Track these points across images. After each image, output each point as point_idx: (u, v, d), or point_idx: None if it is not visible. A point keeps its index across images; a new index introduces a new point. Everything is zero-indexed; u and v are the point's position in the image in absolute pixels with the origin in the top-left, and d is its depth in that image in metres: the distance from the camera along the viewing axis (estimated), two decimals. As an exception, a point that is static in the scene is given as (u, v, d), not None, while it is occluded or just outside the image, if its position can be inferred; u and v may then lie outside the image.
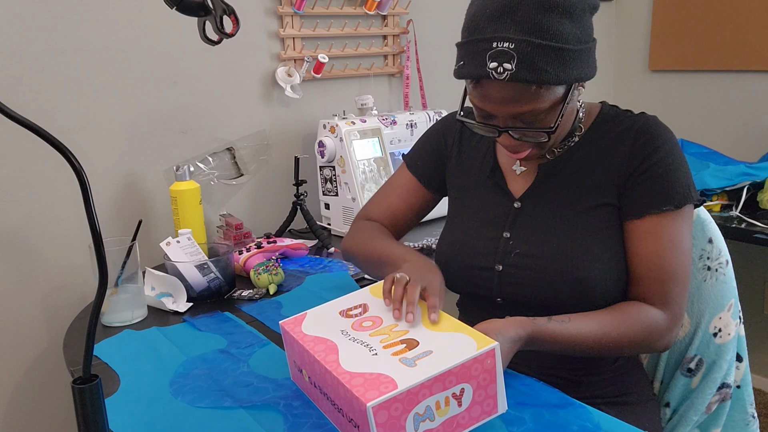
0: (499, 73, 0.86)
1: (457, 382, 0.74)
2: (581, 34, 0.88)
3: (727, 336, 1.07)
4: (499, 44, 0.86)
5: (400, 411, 0.70)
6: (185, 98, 1.62)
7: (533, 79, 0.85)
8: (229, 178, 1.74)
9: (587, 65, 0.90)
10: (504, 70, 0.85)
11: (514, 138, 0.93)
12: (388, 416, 0.69)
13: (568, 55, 0.86)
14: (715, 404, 1.08)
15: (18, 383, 1.47)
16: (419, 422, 0.72)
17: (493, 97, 0.90)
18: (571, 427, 0.80)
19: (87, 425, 0.60)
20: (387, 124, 1.76)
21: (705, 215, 1.08)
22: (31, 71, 1.39)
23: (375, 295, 0.93)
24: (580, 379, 1.02)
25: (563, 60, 0.86)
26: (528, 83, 0.86)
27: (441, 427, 0.74)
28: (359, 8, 1.88)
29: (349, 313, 0.89)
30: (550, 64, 0.85)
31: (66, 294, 1.49)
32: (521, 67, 0.85)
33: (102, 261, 0.58)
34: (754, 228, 1.72)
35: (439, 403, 0.73)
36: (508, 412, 0.82)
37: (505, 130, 0.93)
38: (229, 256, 1.34)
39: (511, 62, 0.85)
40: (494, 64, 0.86)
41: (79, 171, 0.56)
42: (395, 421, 0.70)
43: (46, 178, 1.43)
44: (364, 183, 1.67)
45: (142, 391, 0.94)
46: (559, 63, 0.86)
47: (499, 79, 0.86)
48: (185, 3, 1.09)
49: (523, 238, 1.01)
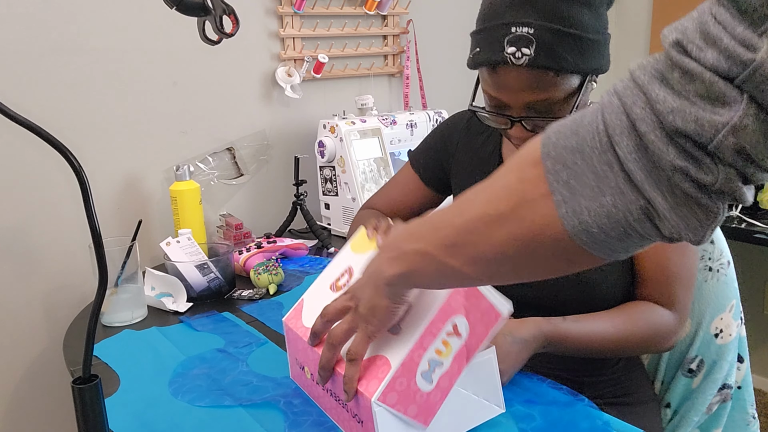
0: (517, 58, 0.85)
1: (445, 322, 0.73)
2: (598, 25, 0.87)
3: (728, 337, 1.07)
4: (518, 29, 0.84)
5: (406, 381, 0.70)
6: (185, 98, 1.62)
7: (552, 65, 0.84)
8: (229, 178, 1.74)
9: (603, 57, 0.90)
10: (522, 55, 0.84)
11: (526, 129, 0.92)
12: (397, 393, 0.69)
13: (586, 44, 0.85)
14: (716, 405, 1.08)
15: (18, 383, 1.47)
16: (430, 375, 0.71)
17: (510, 85, 0.88)
18: (581, 423, 0.80)
19: (87, 425, 0.60)
20: (387, 124, 1.76)
21: (706, 215, 1.08)
22: (31, 71, 1.39)
23: (357, 251, 0.91)
24: (582, 380, 1.02)
25: (582, 49, 0.85)
26: (546, 70, 0.85)
27: (454, 363, 0.73)
28: (359, 8, 1.88)
29: (338, 285, 0.87)
30: (568, 51, 0.84)
31: (66, 294, 1.49)
32: (540, 52, 0.84)
33: (102, 261, 0.58)
34: (755, 228, 1.72)
35: (439, 350, 0.72)
36: (517, 409, 0.82)
37: (519, 120, 0.91)
38: (229, 256, 1.34)
39: (530, 47, 0.84)
40: (512, 49, 0.85)
41: (79, 171, 0.56)
42: (407, 391, 0.70)
43: (46, 178, 1.43)
44: (364, 183, 1.67)
45: (141, 391, 0.94)
46: (577, 51, 0.85)
47: (516, 64, 0.85)
48: (185, 3, 1.09)
49: None
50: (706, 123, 0.39)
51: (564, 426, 0.80)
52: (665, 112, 0.41)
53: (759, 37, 0.37)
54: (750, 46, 0.37)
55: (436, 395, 0.72)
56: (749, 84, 0.38)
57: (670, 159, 0.41)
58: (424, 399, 0.71)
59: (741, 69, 0.38)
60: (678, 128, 0.40)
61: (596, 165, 0.44)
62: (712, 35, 0.39)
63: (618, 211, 0.44)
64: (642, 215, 0.43)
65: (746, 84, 0.38)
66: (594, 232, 0.45)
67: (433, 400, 0.72)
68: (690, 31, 0.41)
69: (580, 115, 0.47)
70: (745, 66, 0.38)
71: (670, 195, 0.42)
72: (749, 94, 0.38)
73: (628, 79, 0.45)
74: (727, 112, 0.39)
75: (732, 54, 0.38)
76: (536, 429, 0.79)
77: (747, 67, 0.37)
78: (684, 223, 0.43)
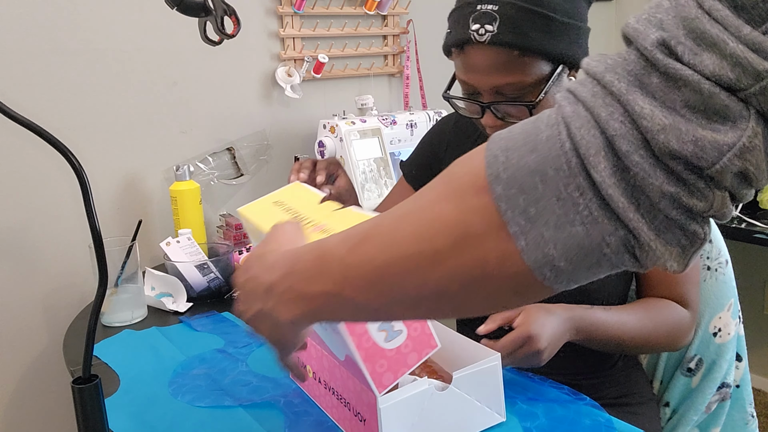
0: (480, 35, 0.84)
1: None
2: (571, 10, 0.85)
3: (727, 336, 1.07)
4: (483, 6, 0.84)
5: (379, 356, 0.68)
6: (185, 98, 1.62)
7: (515, 42, 0.83)
8: (229, 178, 1.74)
9: (576, 45, 0.87)
10: (486, 31, 0.83)
11: (497, 117, 0.90)
12: (384, 371, 0.69)
13: (554, 24, 0.84)
14: (715, 404, 1.08)
15: (18, 383, 1.47)
16: (391, 332, 0.69)
17: (476, 65, 0.87)
18: (584, 421, 0.81)
19: (87, 425, 0.60)
20: (387, 124, 1.76)
21: (705, 215, 1.08)
22: (31, 71, 1.39)
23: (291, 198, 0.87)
24: (580, 382, 1.01)
25: (548, 28, 0.83)
26: (509, 47, 0.83)
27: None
28: (359, 8, 1.88)
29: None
30: (533, 29, 0.83)
31: (66, 294, 1.49)
32: (503, 29, 0.82)
33: (102, 261, 0.58)
34: (754, 228, 1.72)
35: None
36: (520, 407, 0.82)
37: (488, 105, 0.90)
38: (229, 256, 1.34)
39: (493, 24, 0.83)
40: (476, 26, 0.84)
41: (79, 171, 0.56)
42: (388, 359, 0.69)
43: (46, 178, 1.43)
44: (364, 183, 1.67)
45: (141, 391, 0.94)
46: (543, 30, 0.83)
47: (480, 41, 0.84)
48: (186, 3, 1.09)
49: None
50: (708, 144, 0.33)
51: (568, 424, 0.80)
52: (654, 129, 0.34)
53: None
54: (762, 52, 0.32)
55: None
56: (761, 98, 0.32)
57: (658, 184, 0.35)
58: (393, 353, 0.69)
59: (753, 80, 0.32)
60: (672, 150, 0.34)
61: (562, 190, 0.37)
62: (709, 36, 0.33)
63: (591, 242, 0.37)
64: (620, 246, 0.37)
65: (756, 98, 0.32)
66: (560, 266, 0.38)
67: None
68: (670, 26, 0.35)
69: (533, 127, 0.39)
70: (759, 77, 0.32)
71: (654, 223, 0.36)
72: (756, 109, 0.33)
73: (593, 83, 0.37)
74: (731, 131, 0.33)
75: (741, 61, 0.32)
76: (540, 427, 0.80)
77: (761, 79, 0.32)
78: (668, 252, 0.37)
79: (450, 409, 0.75)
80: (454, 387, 0.75)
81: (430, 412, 0.74)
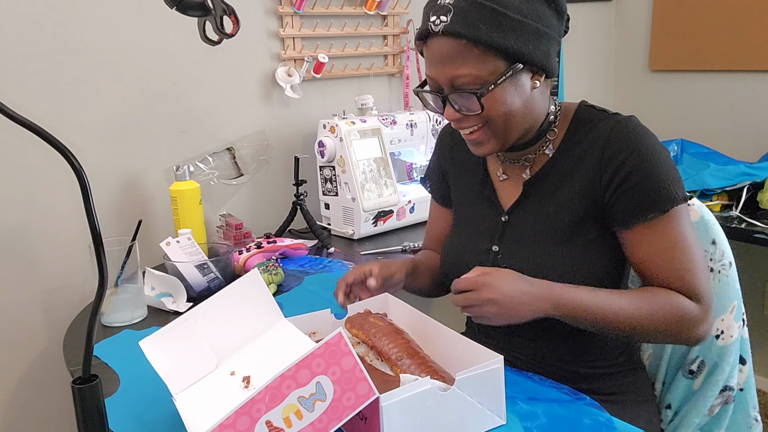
0: (435, 25, 0.90)
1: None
2: (525, 9, 0.89)
3: (730, 338, 1.07)
4: (442, 0, 0.90)
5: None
6: (185, 98, 1.62)
7: (465, 32, 0.87)
8: (229, 178, 1.74)
9: (532, 44, 0.90)
10: (440, 22, 0.89)
11: (454, 109, 0.94)
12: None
13: (505, 20, 0.88)
14: (718, 407, 1.07)
15: (18, 383, 1.47)
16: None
17: (434, 56, 0.93)
18: (584, 420, 0.81)
19: (87, 425, 0.60)
20: (387, 124, 1.76)
21: (709, 216, 1.08)
22: (31, 71, 1.39)
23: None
24: (578, 370, 1.01)
25: (499, 24, 0.88)
26: (459, 38, 0.88)
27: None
28: (359, 8, 1.88)
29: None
30: (483, 21, 0.87)
31: (66, 294, 1.49)
32: (455, 19, 0.88)
33: (102, 261, 0.58)
34: (755, 228, 1.72)
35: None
36: (520, 407, 0.82)
37: (445, 96, 0.94)
38: (229, 256, 1.34)
39: (448, 15, 0.89)
40: (434, 18, 0.90)
41: (79, 171, 0.56)
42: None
43: (46, 178, 1.43)
44: (364, 183, 1.67)
45: (141, 391, 0.94)
46: (494, 25, 0.87)
47: (435, 31, 0.90)
48: (185, 3, 1.09)
49: (510, 252, 1.01)
50: None
51: (568, 423, 0.80)
52: None
53: None
54: None
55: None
56: None
57: None
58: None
59: None
60: None
61: None
62: None
63: None
64: None
65: None
66: None
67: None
68: None
69: None
70: None
71: None
72: None
73: None
74: None
75: None
76: (541, 427, 0.80)
77: None
78: None
79: (451, 410, 0.75)
80: (456, 388, 0.75)
81: (431, 412, 0.74)
